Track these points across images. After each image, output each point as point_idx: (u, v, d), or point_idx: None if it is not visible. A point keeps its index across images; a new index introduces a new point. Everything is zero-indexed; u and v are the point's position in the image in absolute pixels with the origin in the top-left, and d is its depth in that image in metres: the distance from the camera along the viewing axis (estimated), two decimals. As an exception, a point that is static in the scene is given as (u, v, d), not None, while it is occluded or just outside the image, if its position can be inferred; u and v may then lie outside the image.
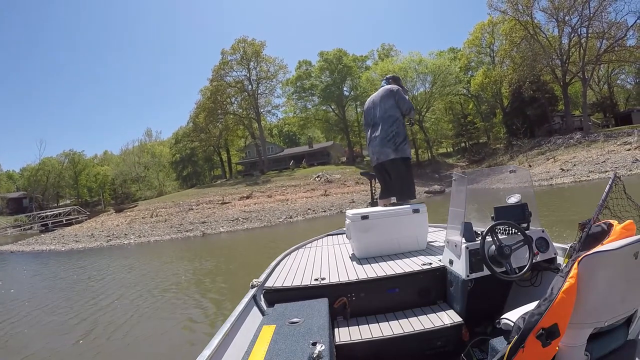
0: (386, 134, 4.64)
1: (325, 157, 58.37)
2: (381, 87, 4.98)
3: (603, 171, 26.06)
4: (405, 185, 4.71)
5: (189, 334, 6.85)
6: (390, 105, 4.70)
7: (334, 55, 56.60)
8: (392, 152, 4.63)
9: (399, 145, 4.62)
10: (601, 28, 38.63)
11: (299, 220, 26.87)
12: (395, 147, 4.62)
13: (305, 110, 60.69)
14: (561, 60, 41.65)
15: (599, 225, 2.00)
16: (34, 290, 12.72)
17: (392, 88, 4.82)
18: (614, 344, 1.83)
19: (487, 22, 50.00)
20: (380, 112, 4.73)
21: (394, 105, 4.70)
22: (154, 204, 40.05)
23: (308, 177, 43.13)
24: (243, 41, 54.29)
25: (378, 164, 4.81)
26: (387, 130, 4.64)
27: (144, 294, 10.11)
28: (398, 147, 4.62)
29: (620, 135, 33.28)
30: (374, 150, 4.77)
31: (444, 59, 51.86)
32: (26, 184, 70.95)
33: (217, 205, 35.22)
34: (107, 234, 29.63)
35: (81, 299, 10.43)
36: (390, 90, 4.79)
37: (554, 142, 38.53)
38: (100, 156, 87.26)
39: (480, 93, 52.40)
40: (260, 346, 2.21)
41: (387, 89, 4.83)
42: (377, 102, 4.82)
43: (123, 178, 66.84)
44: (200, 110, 55.28)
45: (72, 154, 72.99)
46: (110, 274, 14.19)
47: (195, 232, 26.26)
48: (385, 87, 4.90)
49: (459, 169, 47.01)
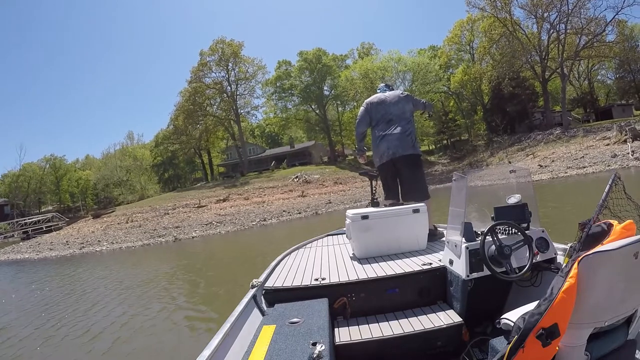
0: (405, 130, 4.81)
1: (307, 157, 58.04)
2: (385, 90, 5.19)
3: (581, 167, 25.77)
4: (420, 183, 4.83)
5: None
6: (409, 108, 4.93)
7: (314, 54, 56.30)
8: (410, 148, 4.77)
9: (414, 143, 4.84)
10: (580, 24, 38.74)
11: (272, 223, 26.15)
12: (412, 143, 4.80)
13: (286, 111, 60.47)
14: (540, 56, 41.78)
15: (598, 225, 1.97)
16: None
17: (407, 93, 5.07)
18: (614, 344, 1.81)
19: (466, 19, 50.12)
20: (398, 111, 4.90)
21: (412, 110, 4.97)
22: (131, 209, 39.30)
23: (287, 178, 42.64)
24: (221, 42, 53.73)
25: (388, 161, 4.82)
26: (405, 127, 4.84)
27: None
28: (414, 144, 4.83)
29: (599, 130, 33.27)
30: (391, 144, 4.79)
31: (423, 57, 51.66)
32: (7, 190, 68.95)
33: (193, 209, 34.53)
34: (81, 241, 28.62)
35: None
36: (407, 95, 5.03)
37: (534, 138, 38.57)
38: (82, 161, 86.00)
39: (460, 90, 52.27)
40: (260, 346, 2.20)
41: (402, 93, 5.03)
42: (392, 101, 4.96)
43: (105, 182, 65.90)
44: (180, 113, 54.61)
45: (53, 159, 71.67)
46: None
47: (168, 237, 25.38)
48: (397, 92, 5.07)
49: (440, 166, 47.15)
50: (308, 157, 57.90)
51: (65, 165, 74.58)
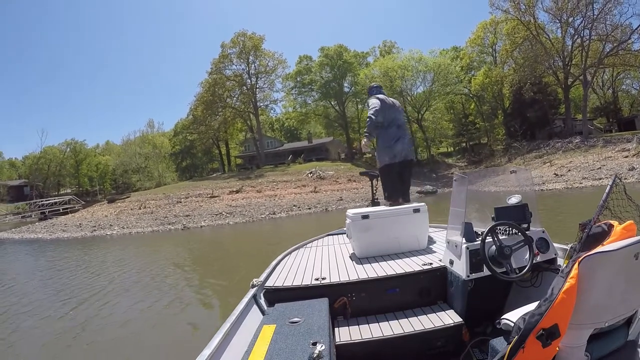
0: (410, 138, 5.31)
1: (325, 153, 57.80)
2: (383, 93, 5.43)
3: (597, 178, 25.27)
4: (409, 187, 5.26)
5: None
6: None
7: (335, 51, 56.07)
8: (413, 154, 5.29)
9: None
10: (605, 30, 37.57)
11: (282, 217, 26.50)
12: (412, 150, 5.28)
13: (305, 106, 60.42)
14: (563, 62, 40.73)
15: (599, 226, 2.02)
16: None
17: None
18: (614, 345, 1.84)
19: (489, 21, 49.09)
20: (403, 120, 5.36)
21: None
22: (145, 196, 39.89)
23: (301, 173, 42.64)
24: (243, 35, 53.80)
25: (400, 162, 5.10)
26: (409, 135, 5.37)
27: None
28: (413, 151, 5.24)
29: (619, 141, 32.39)
30: (404, 147, 5.11)
31: (444, 58, 50.97)
32: (28, 172, 70.78)
33: (205, 198, 34.97)
34: (94, 224, 29.61)
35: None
36: (399, 105, 5.47)
37: (553, 145, 37.73)
38: (102, 146, 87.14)
39: (481, 93, 51.51)
40: (261, 346, 2.22)
41: (397, 102, 5.46)
42: (399, 109, 5.39)
43: (124, 168, 66.71)
44: (199, 103, 54.96)
45: (73, 143, 72.75)
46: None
47: (177, 225, 26.05)
48: (397, 101, 5.46)
49: (457, 169, 46.52)
50: (325, 153, 57.70)
51: (86, 149, 75.72)
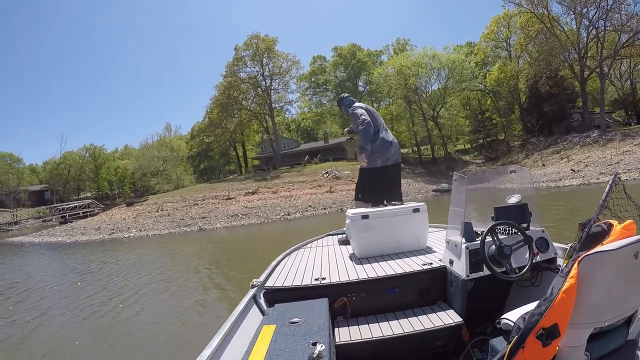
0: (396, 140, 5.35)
1: (341, 153, 57.55)
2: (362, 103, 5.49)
3: (614, 173, 24.83)
4: (400, 187, 5.27)
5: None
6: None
7: (348, 50, 56.27)
8: (400, 157, 5.33)
9: None
10: (620, 21, 36.83)
11: (296, 218, 26.78)
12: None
13: (320, 106, 60.72)
14: (579, 54, 40.12)
15: (599, 225, 2.02)
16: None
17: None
18: (614, 344, 1.86)
19: (502, 15, 48.40)
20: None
21: None
22: (163, 199, 40.47)
23: (317, 173, 42.75)
24: (256, 37, 54.20)
25: (391, 165, 5.18)
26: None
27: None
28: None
29: (638, 134, 31.81)
30: (396, 151, 5.22)
31: (459, 54, 50.67)
32: (48, 177, 72.65)
33: (221, 200, 35.39)
34: (112, 227, 30.29)
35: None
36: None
37: (570, 140, 37.16)
38: (120, 150, 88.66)
39: (496, 88, 50.99)
40: (261, 346, 2.23)
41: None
42: (376, 111, 5.44)
43: (142, 172, 67.85)
44: (215, 106, 55.44)
45: (92, 148, 74.28)
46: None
47: (193, 227, 26.59)
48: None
49: (474, 166, 46.08)
50: (342, 153, 57.50)
51: (104, 154, 77.00)
